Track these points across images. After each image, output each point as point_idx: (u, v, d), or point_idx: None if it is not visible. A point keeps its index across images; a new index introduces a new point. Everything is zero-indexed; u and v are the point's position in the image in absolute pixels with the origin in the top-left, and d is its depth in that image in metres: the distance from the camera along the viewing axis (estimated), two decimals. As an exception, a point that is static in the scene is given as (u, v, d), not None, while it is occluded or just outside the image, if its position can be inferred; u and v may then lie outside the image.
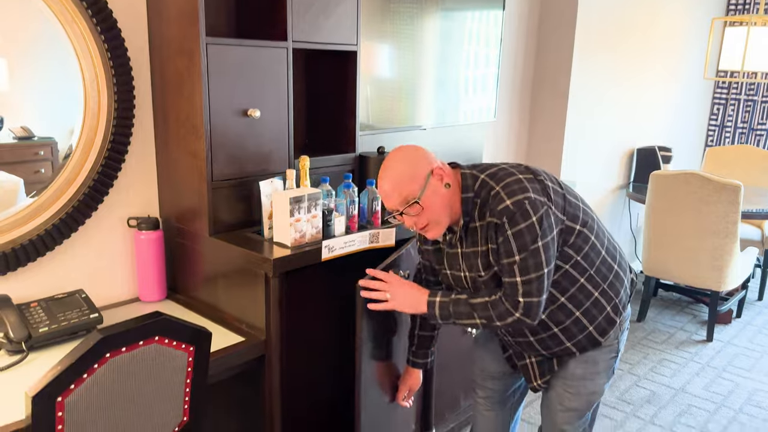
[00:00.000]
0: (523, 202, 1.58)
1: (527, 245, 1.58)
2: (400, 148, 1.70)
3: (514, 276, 1.61)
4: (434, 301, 1.72)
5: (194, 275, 2.09)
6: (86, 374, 1.31)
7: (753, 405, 3.05)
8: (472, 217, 1.68)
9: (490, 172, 1.68)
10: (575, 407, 1.85)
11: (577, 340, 1.76)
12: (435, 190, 1.64)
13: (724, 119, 5.58)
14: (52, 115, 1.92)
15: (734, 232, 3.45)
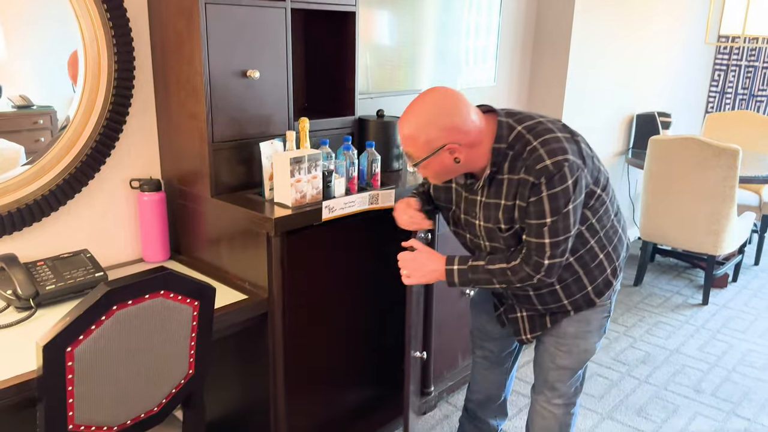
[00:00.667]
0: (562, 163, 1.55)
1: (560, 208, 1.57)
2: (437, 96, 1.60)
3: (543, 237, 1.60)
4: (452, 269, 1.73)
5: (197, 236, 2.12)
6: (94, 326, 1.35)
7: (746, 365, 3.12)
8: (501, 168, 1.65)
9: (528, 125, 1.63)
10: (567, 365, 1.89)
11: (575, 299, 1.79)
12: (441, 160, 1.62)
13: (724, 85, 5.57)
14: (51, 84, 1.93)
15: (732, 196, 3.48)
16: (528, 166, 1.58)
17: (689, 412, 2.71)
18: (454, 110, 1.58)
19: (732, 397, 2.83)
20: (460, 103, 1.60)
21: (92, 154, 1.96)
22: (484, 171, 1.67)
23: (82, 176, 1.96)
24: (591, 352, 1.89)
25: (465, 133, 1.59)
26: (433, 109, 1.59)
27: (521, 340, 1.95)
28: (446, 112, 1.58)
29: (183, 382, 1.61)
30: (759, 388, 2.90)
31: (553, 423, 1.96)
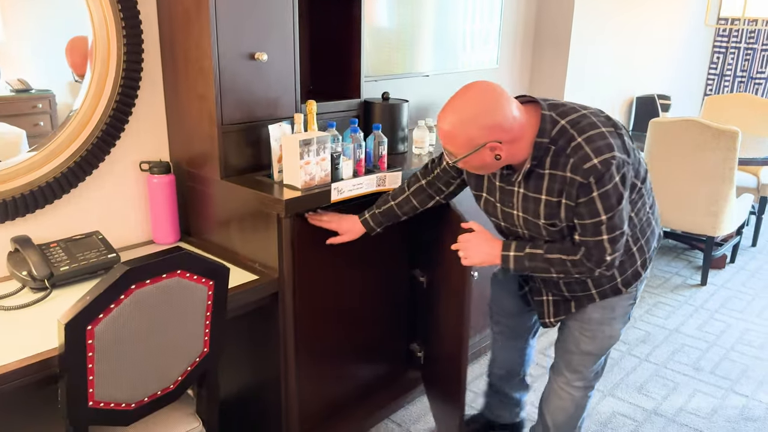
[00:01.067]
0: (610, 162, 1.52)
1: (614, 206, 1.56)
2: (478, 93, 1.56)
3: (600, 235, 1.59)
4: (508, 255, 1.72)
5: (206, 218, 2.15)
6: (113, 305, 1.38)
7: (744, 344, 3.17)
8: (542, 163, 1.61)
9: (572, 119, 1.59)
10: (591, 351, 1.90)
11: (603, 288, 1.81)
12: (482, 157, 1.59)
13: (723, 68, 5.58)
14: (50, 67, 1.90)
15: (731, 178, 3.51)
16: (575, 164, 1.55)
17: (688, 389, 2.77)
18: (496, 108, 1.54)
19: (730, 374, 2.89)
20: (502, 100, 1.55)
21: (102, 137, 1.98)
22: (523, 164, 1.64)
23: (93, 159, 1.98)
24: (615, 338, 1.90)
25: (506, 130, 1.55)
26: (474, 107, 1.54)
27: (544, 323, 1.96)
28: (488, 110, 1.54)
29: (198, 360, 1.64)
30: (757, 366, 2.96)
31: (569, 404, 1.99)
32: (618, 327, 1.89)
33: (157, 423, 1.69)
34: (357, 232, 2.01)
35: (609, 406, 2.63)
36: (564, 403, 2.00)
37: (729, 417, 2.58)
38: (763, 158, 3.90)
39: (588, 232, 1.60)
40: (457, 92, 1.59)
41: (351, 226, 2.01)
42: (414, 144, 2.50)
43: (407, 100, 2.51)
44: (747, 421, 2.55)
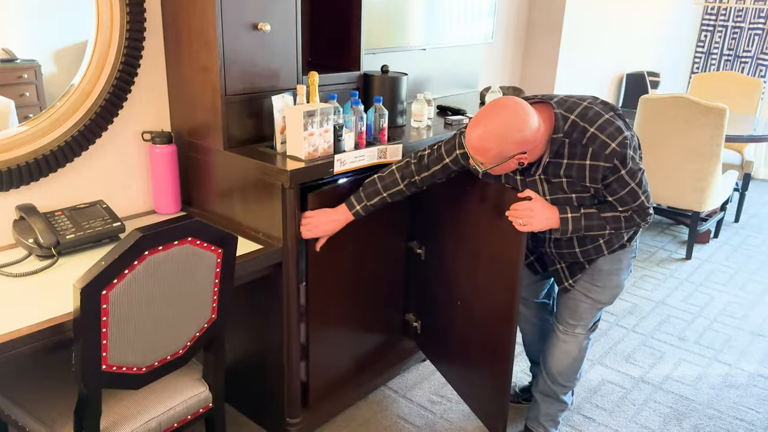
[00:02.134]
0: (625, 142, 1.75)
1: (637, 173, 1.80)
2: (509, 112, 1.72)
3: (638, 198, 1.83)
4: (566, 217, 1.87)
5: (208, 188, 2.16)
6: (127, 270, 1.40)
7: (726, 315, 3.27)
8: (560, 154, 1.82)
9: (579, 113, 1.79)
10: (600, 299, 2.08)
11: (613, 247, 2.00)
12: (507, 165, 1.80)
13: (710, 46, 5.64)
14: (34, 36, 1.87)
15: (717, 154, 3.58)
16: (595, 152, 1.76)
17: (674, 358, 2.86)
18: (525, 125, 1.72)
19: (714, 344, 2.99)
20: (528, 117, 1.73)
21: (105, 107, 1.98)
22: (541, 158, 1.84)
23: (96, 128, 1.98)
24: (621, 287, 2.08)
25: (531, 141, 1.75)
26: (505, 126, 1.72)
27: (564, 287, 2.11)
28: (518, 128, 1.72)
29: (206, 326, 1.68)
30: (739, 336, 3.06)
31: (573, 347, 2.15)
32: (623, 277, 2.07)
33: (165, 388, 1.73)
34: (343, 222, 2.04)
35: (598, 374, 2.71)
36: (568, 346, 2.15)
37: (713, 384, 2.68)
38: (748, 135, 3.98)
39: (627, 200, 1.83)
40: (487, 108, 1.77)
41: (336, 225, 2.03)
42: (413, 117, 2.53)
43: (406, 73, 2.53)
44: (730, 388, 2.65)
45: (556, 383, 2.20)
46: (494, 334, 2.11)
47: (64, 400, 1.62)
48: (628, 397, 2.57)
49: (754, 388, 2.66)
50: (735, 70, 5.52)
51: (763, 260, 3.99)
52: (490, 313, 2.11)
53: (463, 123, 2.60)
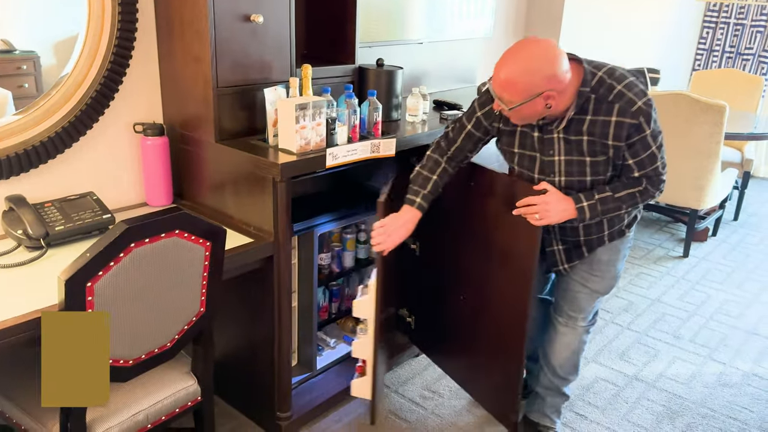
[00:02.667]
0: (650, 102, 1.75)
1: (658, 136, 1.80)
2: (542, 45, 1.70)
3: (656, 162, 1.82)
4: (583, 206, 1.85)
5: (200, 181, 2.15)
6: (113, 262, 1.39)
7: (722, 314, 3.26)
8: (585, 110, 1.78)
9: (606, 70, 1.78)
10: (598, 289, 2.07)
11: (612, 230, 1.99)
12: (534, 106, 1.72)
13: (712, 43, 5.61)
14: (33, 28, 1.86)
15: (717, 152, 3.56)
16: (622, 108, 1.74)
17: (668, 356, 2.85)
18: (557, 60, 1.69)
19: (709, 342, 2.98)
20: (560, 54, 1.70)
21: (96, 97, 1.96)
22: (565, 113, 1.79)
23: (87, 119, 1.97)
24: (617, 278, 2.09)
25: (561, 81, 1.70)
26: (537, 57, 1.68)
27: (558, 270, 2.10)
28: (550, 61, 1.68)
29: (194, 320, 1.67)
30: (734, 335, 3.05)
31: (573, 339, 2.14)
32: (620, 267, 2.08)
33: (153, 381, 1.72)
34: (413, 222, 1.98)
35: (592, 371, 2.70)
36: (568, 338, 2.14)
37: (707, 383, 2.67)
38: (748, 133, 3.96)
39: (645, 164, 1.81)
40: (517, 45, 1.73)
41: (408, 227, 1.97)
42: (408, 112, 2.51)
43: (401, 67, 2.51)
44: (724, 387, 2.64)
45: (557, 376, 2.21)
46: (506, 328, 2.09)
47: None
48: (621, 395, 2.56)
49: (748, 387, 2.65)
50: (737, 68, 5.49)
51: (761, 259, 3.97)
52: (501, 307, 2.10)
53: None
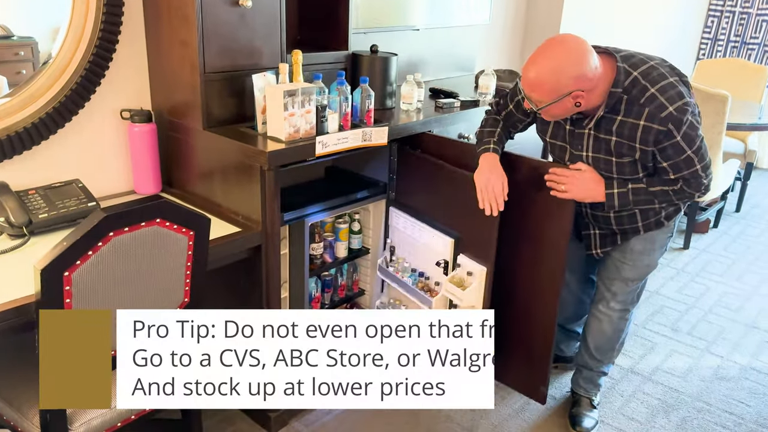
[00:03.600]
0: (685, 108, 1.70)
1: (695, 140, 1.75)
2: (569, 45, 1.70)
3: (694, 166, 1.77)
4: (612, 193, 1.87)
5: (188, 169, 2.12)
6: (91, 251, 1.36)
7: (722, 306, 3.22)
8: (615, 110, 1.78)
9: (643, 71, 1.75)
10: (631, 277, 2.10)
11: (648, 221, 1.97)
12: (563, 105, 1.74)
13: (717, 32, 5.52)
14: (31, 14, 1.86)
15: (719, 142, 3.51)
16: (651, 113, 1.71)
17: (666, 349, 2.82)
18: (585, 59, 1.69)
19: (707, 336, 2.94)
20: (588, 52, 1.70)
21: (81, 83, 1.93)
22: (596, 110, 1.80)
23: (72, 105, 1.93)
24: (653, 266, 2.10)
25: (590, 80, 1.70)
26: (564, 58, 1.69)
27: (590, 254, 2.14)
28: (577, 61, 1.68)
29: (179, 309, 1.64)
30: (733, 328, 3.01)
31: (607, 326, 2.17)
32: (656, 257, 2.08)
33: (137, 371, 1.69)
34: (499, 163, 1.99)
35: (587, 364, 2.67)
36: (602, 325, 2.18)
37: (703, 376, 2.63)
38: (751, 124, 3.90)
39: (681, 167, 1.78)
40: (545, 44, 1.74)
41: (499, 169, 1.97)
42: (402, 99, 2.46)
43: (396, 53, 2.46)
44: (721, 380, 2.61)
45: (593, 357, 2.25)
46: (535, 303, 2.13)
47: (34, 382, 1.59)
48: (616, 388, 2.53)
49: (745, 381, 2.62)
50: (742, 57, 5.41)
51: (761, 251, 3.93)
52: (530, 284, 2.12)
53: (455, 106, 2.54)
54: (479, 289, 2.14)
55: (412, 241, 2.42)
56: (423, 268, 2.42)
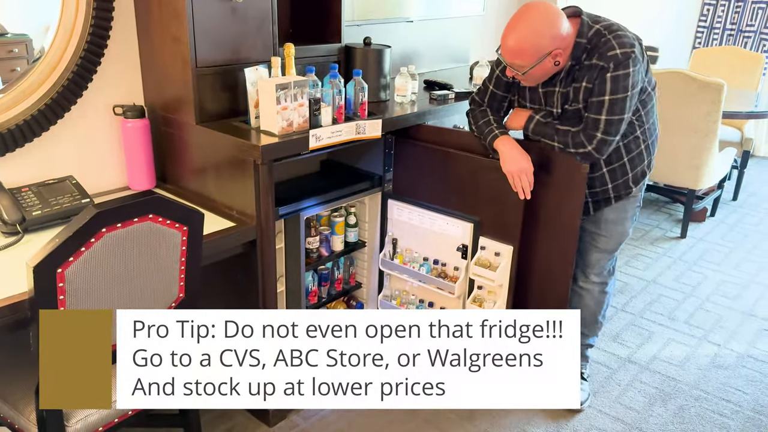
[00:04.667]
0: (629, 53, 1.83)
1: (619, 90, 1.86)
2: (541, 9, 1.83)
3: (600, 114, 1.89)
4: (533, 117, 2.03)
5: (182, 164, 2.11)
6: (84, 248, 1.36)
7: (719, 295, 3.23)
8: (579, 60, 1.91)
9: (605, 24, 1.90)
10: (606, 247, 2.20)
11: (616, 183, 2.08)
12: (543, 66, 1.87)
13: (713, 20, 5.51)
14: (25, 11, 1.86)
15: (714, 131, 3.50)
16: (601, 53, 1.86)
17: (663, 338, 2.83)
18: (558, 19, 1.83)
19: (704, 324, 2.95)
20: (560, 14, 1.85)
21: (73, 79, 1.92)
22: (564, 66, 1.92)
23: (64, 101, 1.92)
24: (626, 234, 2.20)
25: (564, 38, 1.85)
26: (539, 21, 1.83)
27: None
28: (552, 22, 1.83)
29: (173, 306, 1.64)
30: (730, 316, 3.02)
31: (589, 300, 2.28)
32: (627, 226, 2.18)
33: (133, 367, 1.69)
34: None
35: (584, 354, 2.68)
36: (584, 300, 2.29)
37: (700, 365, 2.64)
38: (747, 112, 3.89)
39: (592, 109, 1.90)
40: (518, 12, 1.86)
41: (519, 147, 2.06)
42: (396, 92, 2.46)
43: (390, 45, 2.45)
44: (718, 368, 2.62)
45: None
46: (549, 279, 2.21)
47: (30, 380, 1.59)
48: (613, 378, 2.53)
49: (742, 368, 2.62)
50: (738, 45, 5.40)
51: (759, 239, 3.93)
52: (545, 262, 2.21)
53: (450, 98, 2.53)
54: (507, 268, 2.23)
55: (422, 230, 2.43)
56: (437, 255, 2.45)
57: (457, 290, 2.38)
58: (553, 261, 2.19)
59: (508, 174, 2.05)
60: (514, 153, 2.03)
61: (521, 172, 2.02)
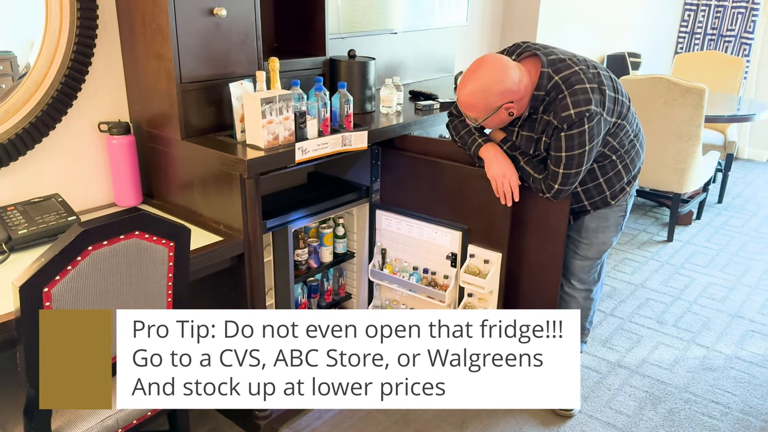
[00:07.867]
0: (583, 113, 1.87)
1: (574, 147, 1.92)
2: (489, 65, 1.89)
3: (558, 167, 1.96)
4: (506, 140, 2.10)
5: (169, 180, 2.11)
6: (70, 266, 1.35)
7: (706, 297, 3.26)
8: (537, 110, 1.97)
9: (564, 75, 1.91)
10: (588, 255, 2.24)
11: (593, 200, 2.14)
12: (499, 116, 1.95)
13: (694, 25, 5.58)
14: (10, 29, 1.85)
15: (697, 135, 3.55)
16: (555, 111, 1.90)
17: (652, 341, 2.85)
18: (505, 77, 1.88)
19: (692, 327, 2.97)
20: (508, 69, 1.89)
21: (58, 97, 1.92)
22: (522, 113, 1.99)
23: (49, 119, 1.92)
24: (608, 244, 2.22)
25: (515, 92, 1.90)
26: (486, 79, 1.88)
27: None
28: (500, 78, 1.88)
29: (162, 322, 1.63)
30: (717, 319, 3.04)
31: (574, 306, 2.32)
32: (610, 235, 2.20)
33: (122, 384, 1.69)
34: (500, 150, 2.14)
35: (575, 359, 2.69)
36: (569, 306, 2.33)
37: (690, 367, 2.66)
38: (730, 115, 3.94)
39: (552, 160, 1.98)
40: (471, 67, 1.93)
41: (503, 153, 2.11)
42: (381, 103, 2.47)
43: (374, 57, 2.47)
44: (707, 370, 2.64)
45: None
46: (537, 284, 2.25)
47: (18, 402, 1.58)
48: (603, 382, 2.55)
49: (731, 370, 2.64)
50: (719, 50, 5.47)
51: (744, 241, 3.97)
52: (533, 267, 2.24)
53: (435, 108, 2.55)
54: (496, 275, 2.25)
55: (410, 240, 2.44)
56: (426, 264, 2.47)
57: (448, 298, 2.39)
58: (542, 267, 2.22)
59: (491, 179, 2.10)
60: (499, 159, 2.07)
61: (504, 177, 2.06)
